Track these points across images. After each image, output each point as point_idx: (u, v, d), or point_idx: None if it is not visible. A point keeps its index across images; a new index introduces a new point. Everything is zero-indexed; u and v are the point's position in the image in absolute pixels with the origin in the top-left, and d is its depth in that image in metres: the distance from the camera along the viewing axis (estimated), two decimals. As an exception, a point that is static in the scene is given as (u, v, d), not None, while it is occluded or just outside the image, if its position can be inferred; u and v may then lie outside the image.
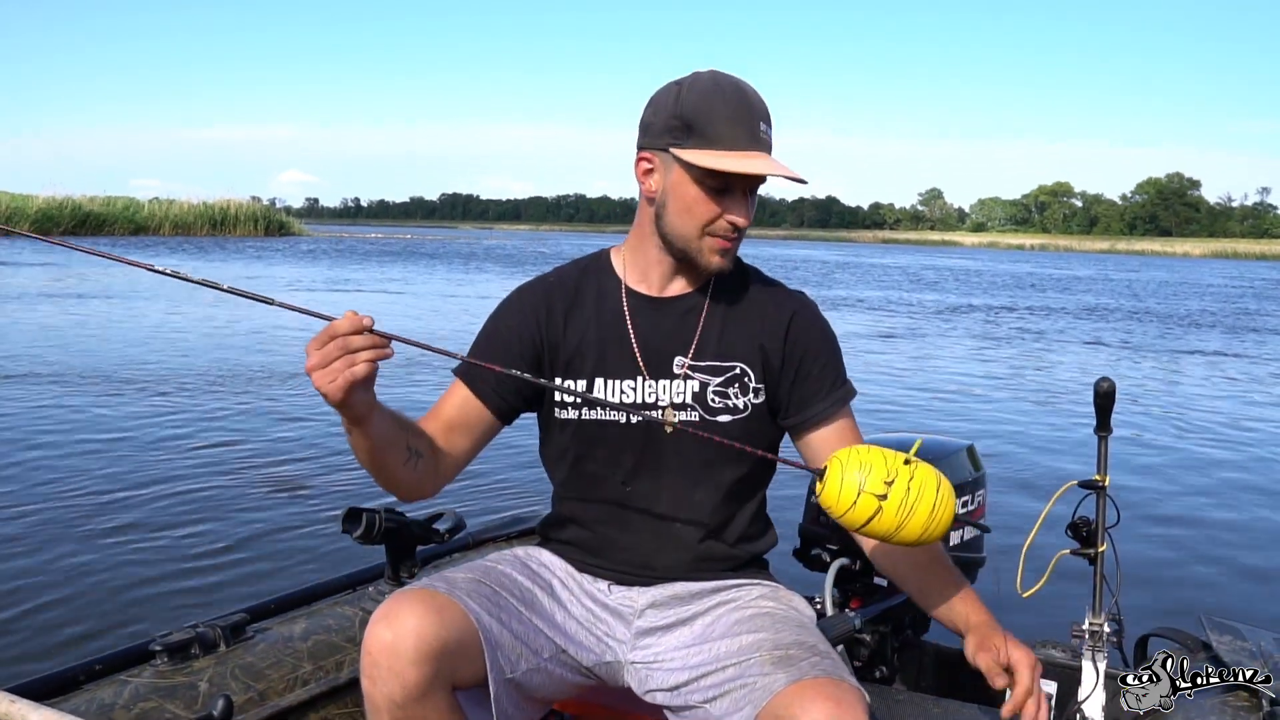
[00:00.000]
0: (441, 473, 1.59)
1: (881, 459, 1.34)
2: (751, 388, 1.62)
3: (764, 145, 1.52)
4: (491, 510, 4.32)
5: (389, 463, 1.47)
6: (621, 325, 1.64)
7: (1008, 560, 1.97)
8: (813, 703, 1.27)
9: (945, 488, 1.36)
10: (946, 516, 1.36)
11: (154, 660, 1.71)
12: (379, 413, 1.39)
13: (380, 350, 1.28)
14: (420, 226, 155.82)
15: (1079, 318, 17.99)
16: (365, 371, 1.27)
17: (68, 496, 4.63)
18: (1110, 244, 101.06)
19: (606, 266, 1.70)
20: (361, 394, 1.31)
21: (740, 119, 1.51)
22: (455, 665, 1.37)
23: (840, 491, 1.33)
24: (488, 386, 1.63)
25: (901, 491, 1.32)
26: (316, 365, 1.27)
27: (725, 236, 1.56)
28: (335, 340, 1.26)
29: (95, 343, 9.96)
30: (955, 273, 35.93)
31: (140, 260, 1.40)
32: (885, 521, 1.33)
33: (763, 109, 1.54)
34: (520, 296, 1.70)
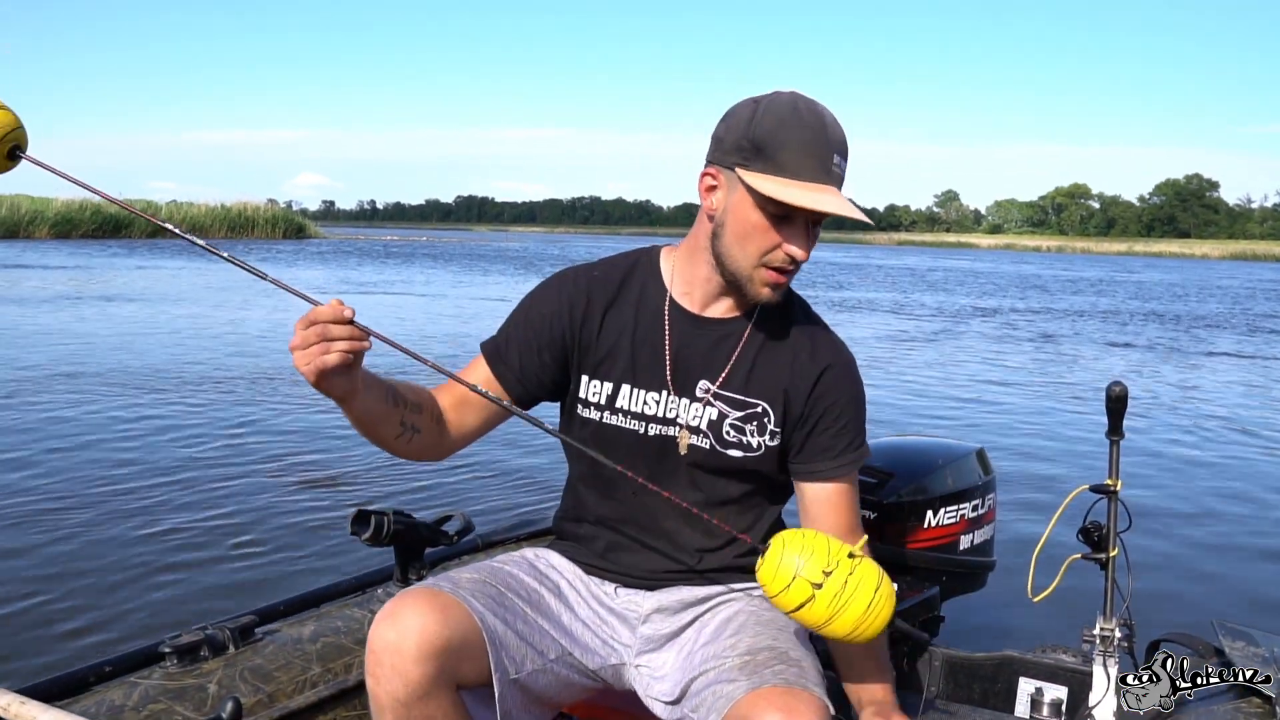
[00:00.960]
0: (445, 444, 1.60)
1: (825, 547, 1.32)
2: (770, 429, 1.60)
3: (835, 180, 1.45)
4: (503, 513, 4.32)
5: (380, 435, 1.49)
6: (659, 336, 1.61)
7: (1018, 564, 1.96)
8: (765, 712, 1.28)
9: (886, 589, 1.32)
10: (880, 618, 1.32)
11: (163, 662, 1.72)
12: (366, 393, 1.41)
13: (356, 343, 1.30)
14: (436, 229, 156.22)
15: (1090, 320, 17.89)
16: (337, 361, 1.29)
17: (73, 497, 4.65)
18: (1128, 246, 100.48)
19: (654, 270, 1.65)
20: (339, 379, 1.33)
21: (813, 150, 1.44)
22: (459, 664, 1.37)
23: (777, 571, 1.31)
24: (511, 372, 1.62)
25: (838, 585, 1.29)
26: (297, 345, 1.30)
27: (780, 269, 1.50)
28: (315, 326, 1.29)
29: (118, 343, 10.02)
30: (963, 274, 35.78)
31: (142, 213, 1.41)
32: (816, 611, 1.30)
33: (840, 141, 1.47)
34: (560, 283, 1.66)
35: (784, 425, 1.60)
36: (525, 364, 1.62)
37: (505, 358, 1.62)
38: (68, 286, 16.61)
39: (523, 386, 1.62)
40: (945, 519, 2.30)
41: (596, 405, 1.63)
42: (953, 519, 2.30)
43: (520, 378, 1.62)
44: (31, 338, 10.32)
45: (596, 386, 1.63)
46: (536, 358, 1.62)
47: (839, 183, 1.46)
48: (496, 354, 1.63)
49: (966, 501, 2.33)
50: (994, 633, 3.26)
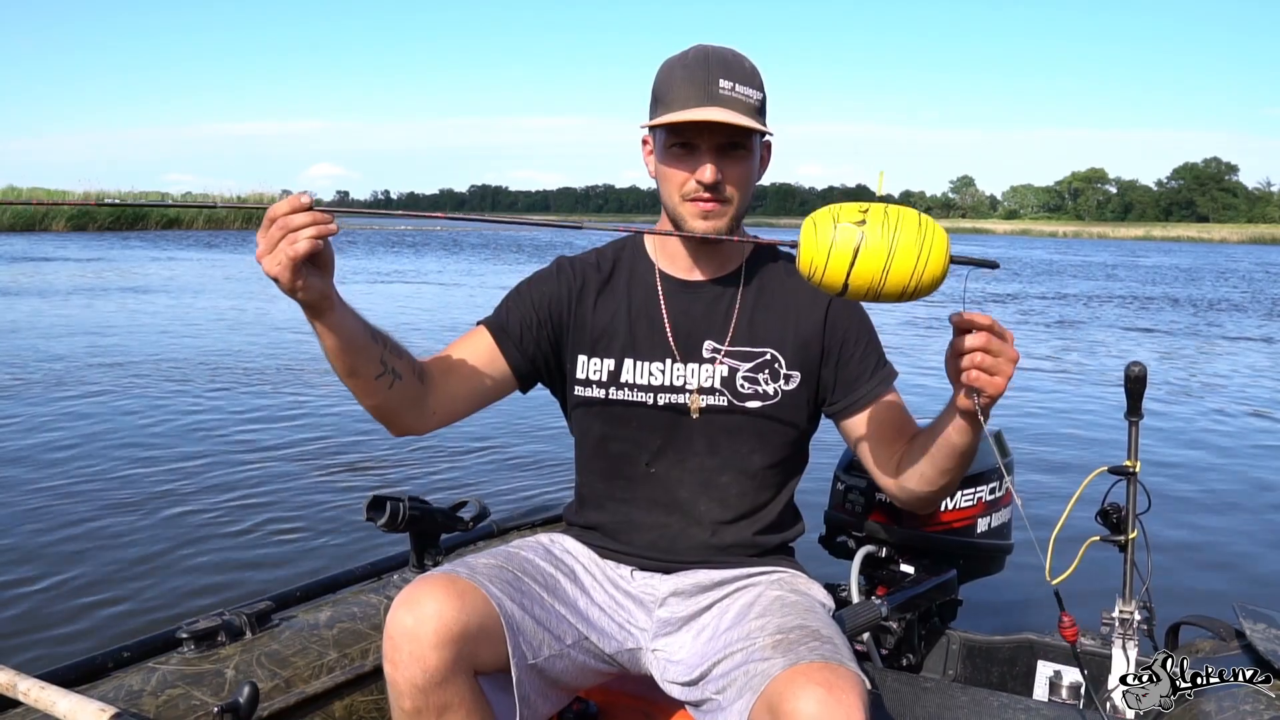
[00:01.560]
0: (429, 408, 1.57)
1: (854, 204, 1.23)
2: (783, 374, 1.62)
3: (722, 101, 1.50)
4: (518, 499, 4.33)
5: (359, 370, 1.45)
6: (655, 307, 1.65)
7: (1037, 549, 1.95)
8: (804, 688, 1.26)
9: (929, 220, 1.21)
10: (938, 248, 1.19)
11: (181, 647, 1.73)
12: (343, 310, 1.39)
13: (323, 226, 1.27)
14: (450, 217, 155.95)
15: (1108, 304, 17.78)
16: (307, 248, 1.26)
17: (84, 485, 4.69)
18: (1145, 230, 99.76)
19: (640, 250, 1.72)
20: (312, 278, 1.30)
21: (694, 79, 1.51)
22: (477, 650, 1.37)
23: (815, 239, 1.20)
24: (512, 341, 1.64)
25: (879, 217, 1.18)
26: (263, 252, 1.27)
27: (699, 198, 1.55)
28: (275, 222, 1.26)
29: (144, 333, 10.08)
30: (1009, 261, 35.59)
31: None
32: (872, 254, 1.17)
33: (729, 68, 1.52)
34: (559, 268, 1.71)
35: (803, 367, 1.63)
36: (525, 336, 1.64)
37: (507, 328, 1.65)
38: (92, 279, 16.70)
39: (523, 356, 1.64)
40: (963, 502, 2.29)
41: (599, 383, 1.65)
42: (970, 502, 2.29)
43: (520, 348, 1.64)
44: (58, 328, 10.38)
45: (597, 364, 1.65)
46: (534, 332, 1.65)
47: (734, 105, 1.50)
48: (497, 324, 1.65)
49: (984, 484, 2.32)
50: (1012, 616, 3.24)
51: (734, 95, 1.51)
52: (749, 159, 1.57)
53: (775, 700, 1.27)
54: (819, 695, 1.24)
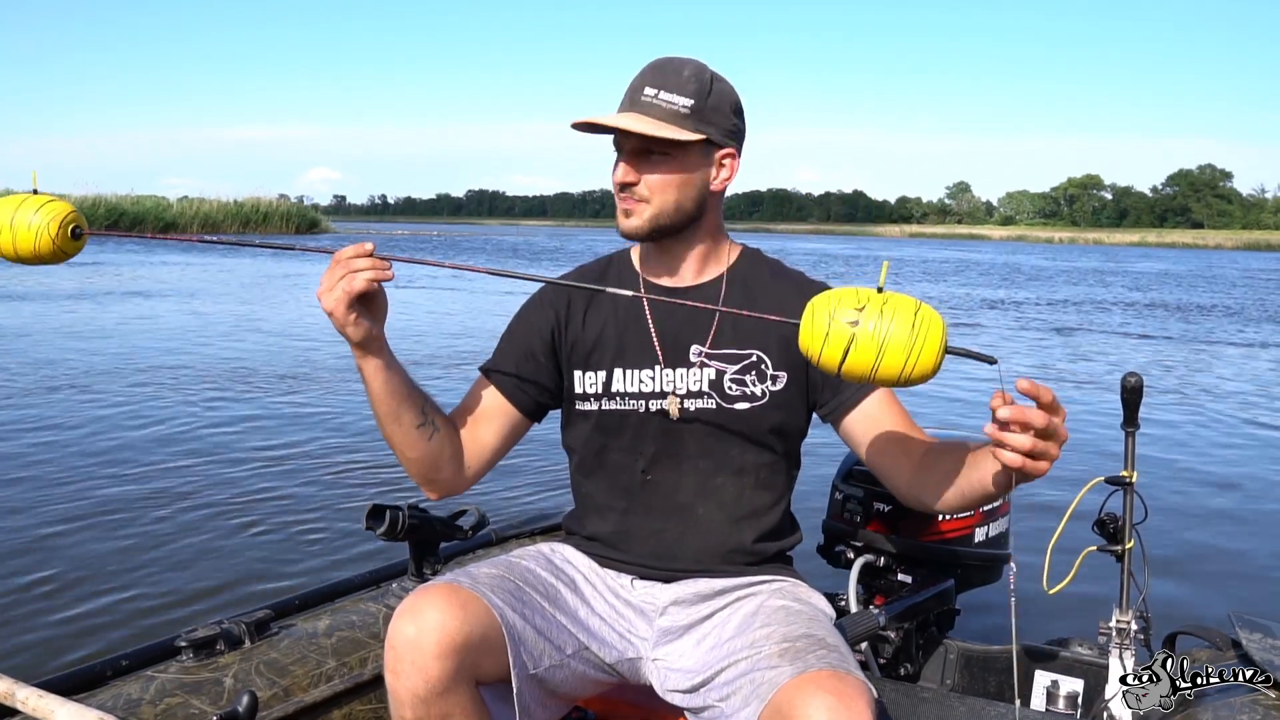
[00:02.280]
0: (465, 463, 1.64)
1: (853, 292, 1.27)
2: (770, 374, 1.63)
3: (640, 107, 1.55)
4: (516, 507, 4.33)
5: (402, 418, 1.55)
6: (640, 315, 1.67)
7: (1033, 557, 1.95)
8: (814, 696, 1.26)
9: (926, 311, 1.25)
10: (933, 338, 1.23)
11: (180, 656, 1.73)
12: (390, 356, 1.50)
13: (381, 271, 1.41)
14: (447, 223, 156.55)
15: (1105, 311, 17.81)
16: (363, 286, 1.39)
17: (81, 493, 4.68)
18: (1140, 237, 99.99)
19: (626, 261, 1.75)
20: (363, 319, 1.43)
21: (629, 86, 1.58)
22: (478, 660, 1.38)
23: (813, 327, 1.26)
24: (510, 380, 1.68)
25: (875, 315, 1.23)
26: (325, 289, 1.41)
27: (620, 196, 1.60)
28: (340, 264, 1.41)
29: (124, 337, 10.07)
30: (972, 266, 35.64)
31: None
32: (863, 349, 1.23)
33: (661, 76, 1.56)
34: (542, 294, 1.74)
35: (790, 368, 1.63)
36: (522, 371, 1.68)
37: (504, 369, 1.69)
38: (88, 282, 16.67)
39: (524, 393, 1.68)
40: (960, 512, 2.29)
41: (594, 395, 1.67)
42: (968, 511, 2.29)
43: (520, 384, 1.68)
44: (56, 332, 10.36)
45: (591, 378, 1.67)
46: (532, 362, 1.69)
47: (650, 110, 1.55)
48: (495, 369, 1.70)
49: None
50: (1009, 625, 3.25)
51: (653, 102, 1.55)
52: (671, 164, 1.57)
53: (784, 708, 1.27)
54: (829, 703, 1.24)
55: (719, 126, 1.58)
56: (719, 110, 1.57)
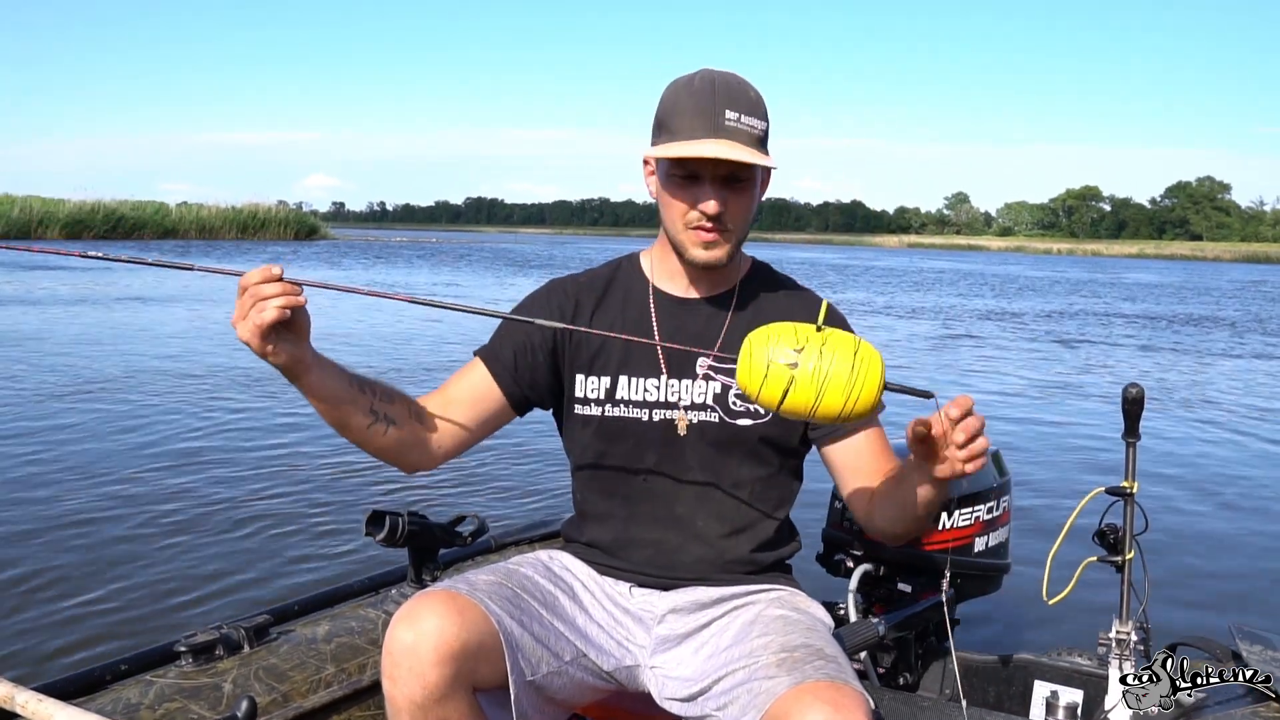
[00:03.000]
0: (432, 445, 1.61)
1: (791, 330, 1.27)
2: None
3: (729, 133, 1.50)
4: (515, 515, 4.33)
5: (350, 424, 1.51)
6: (647, 324, 1.66)
7: (1033, 567, 1.96)
8: (811, 706, 1.25)
9: (865, 350, 1.25)
10: (871, 379, 1.24)
11: (179, 661, 1.72)
12: (320, 369, 1.44)
13: (291, 298, 1.32)
14: (446, 230, 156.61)
15: (1105, 322, 17.82)
16: (273, 317, 1.31)
17: (80, 498, 4.68)
18: (1139, 248, 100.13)
19: (636, 268, 1.73)
20: (284, 344, 1.37)
21: (702, 110, 1.51)
22: (476, 667, 1.37)
23: (750, 367, 1.26)
24: (506, 371, 1.66)
25: (813, 356, 1.23)
26: (237, 318, 1.33)
27: (702, 227, 1.56)
28: (247, 291, 1.32)
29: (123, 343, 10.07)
30: (973, 277, 35.68)
31: (73, 251, 1.49)
32: (801, 391, 1.23)
33: (735, 98, 1.52)
34: (550, 291, 1.72)
35: None
36: (520, 363, 1.66)
37: (500, 356, 1.66)
38: (91, 289, 16.68)
39: (517, 385, 1.66)
40: (960, 520, 2.29)
41: (596, 400, 1.66)
42: (968, 521, 2.29)
43: (515, 376, 1.66)
44: (55, 337, 10.36)
45: (594, 382, 1.66)
46: (530, 357, 1.66)
47: (739, 136, 1.51)
48: (491, 355, 1.67)
49: (981, 504, 2.33)
50: (1009, 636, 3.25)
51: (739, 126, 1.51)
52: (751, 189, 1.58)
53: (781, 718, 1.27)
54: (826, 714, 1.24)
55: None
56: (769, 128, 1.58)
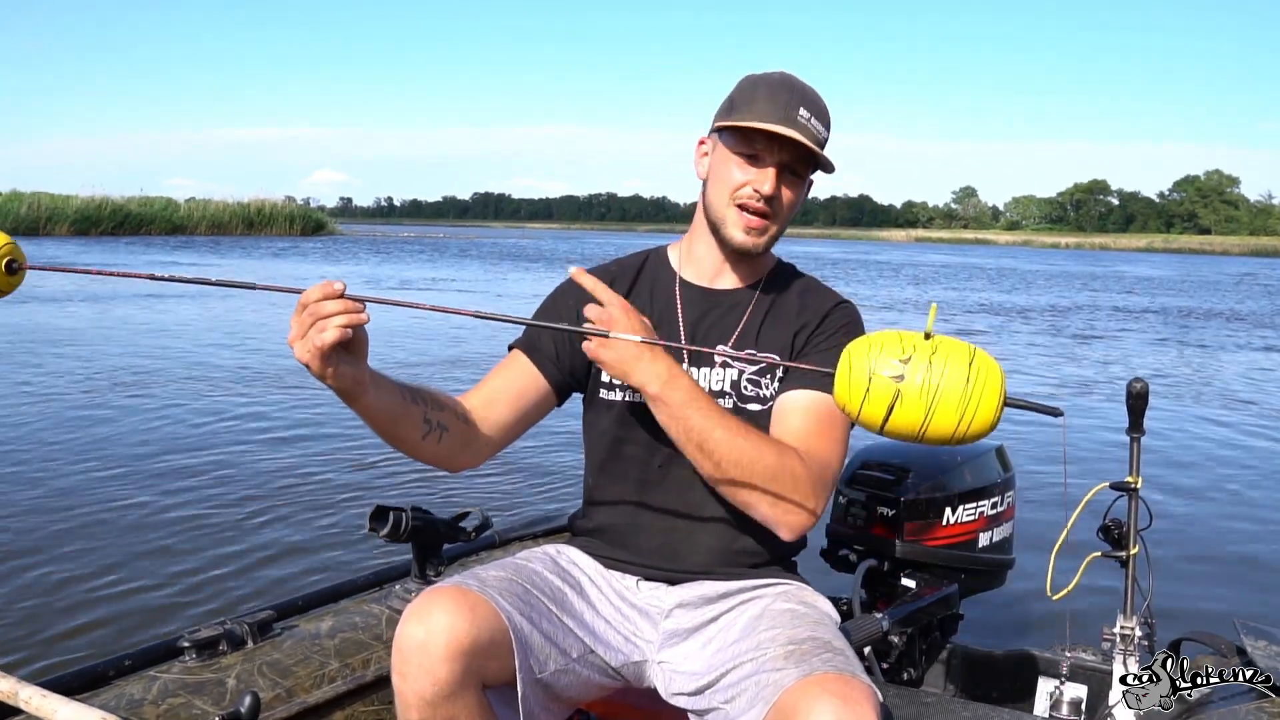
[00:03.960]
0: (479, 444, 1.61)
1: (896, 339, 1.14)
2: (780, 377, 1.64)
3: (799, 127, 1.56)
4: (518, 509, 4.34)
5: (404, 435, 1.48)
6: (672, 313, 1.69)
7: (1037, 563, 1.95)
8: (819, 698, 1.25)
9: (981, 359, 1.12)
10: (989, 396, 1.10)
11: (183, 656, 1.73)
12: (376, 386, 1.40)
13: (354, 315, 1.26)
14: (453, 225, 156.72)
15: (1110, 316, 17.77)
16: (335, 337, 1.25)
17: (84, 493, 4.69)
18: (1147, 241, 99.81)
19: (664, 259, 1.77)
20: (343, 365, 1.31)
21: (777, 100, 1.57)
22: (485, 663, 1.37)
23: (850, 382, 1.14)
24: (548, 358, 1.67)
25: (922, 365, 1.10)
26: (294, 337, 1.27)
27: (752, 209, 1.60)
28: (306, 309, 1.26)
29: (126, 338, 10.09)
30: (980, 271, 35.59)
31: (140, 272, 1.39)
32: (909, 408, 1.10)
33: (808, 100, 1.59)
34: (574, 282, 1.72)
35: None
36: (560, 350, 1.68)
37: (540, 347, 1.68)
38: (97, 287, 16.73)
39: (559, 370, 1.68)
40: (964, 516, 2.29)
41: (620, 386, 1.67)
42: (972, 516, 2.29)
43: (557, 362, 1.68)
44: (64, 334, 10.39)
45: None
46: (569, 343, 1.67)
47: (807, 133, 1.57)
48: (531, 346, 1.69)
49: (985, 499, 2.32)
50: (1013, 631, 3.25)
51: (809, 125, 1.58)
52: (801, 187, 1.64)
53: (789, 711, 1.27)
54: (835, 706, 1.24)
55: None
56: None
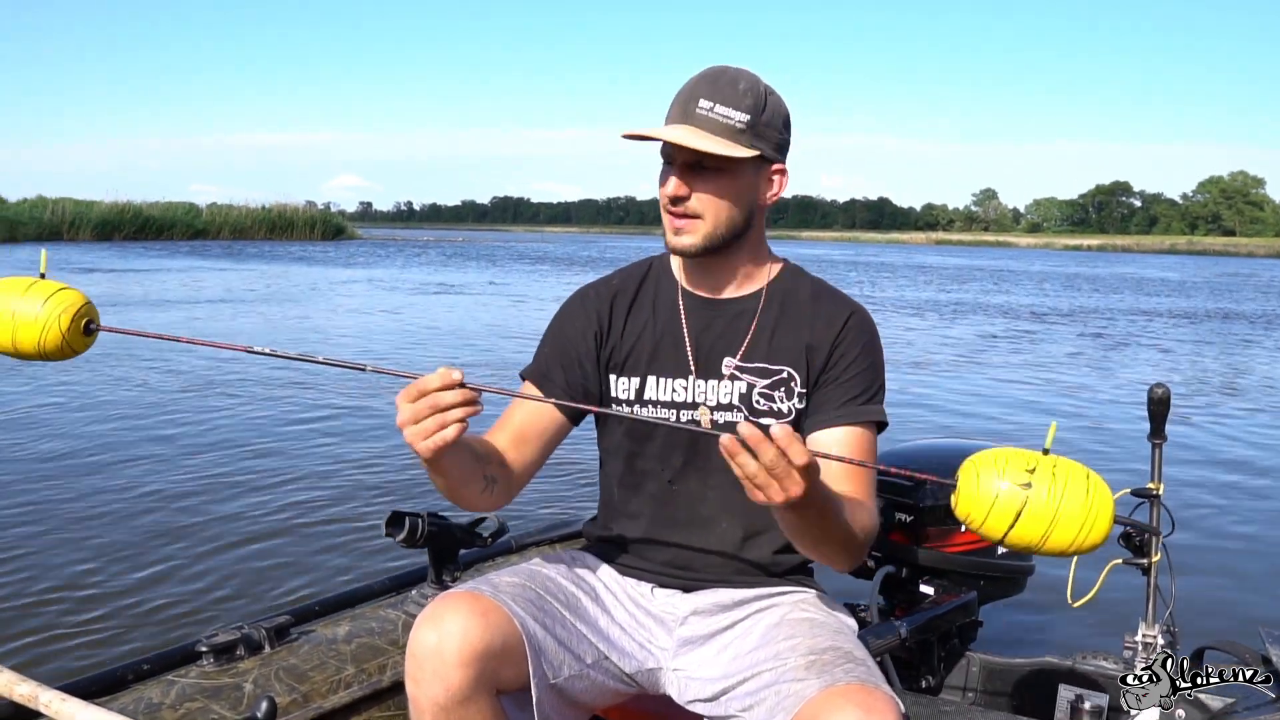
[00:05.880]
0: (515, 487, 1.61)
1: (1016, 452, 1.18)
2: (797, 392, 1.62)
3: (695, 120, 1.51)
4: (533, 515, 4.33)
5: (466, 495, 1.50)
6: (676, 325, 1.66)
7: (1057, 570, 1.94)
8: (842, 710, 1.25)
9: (1095, 480, 1.16)
10: (1104, 515, 1.15)
11: (200, 660, 1.74)
12: (462, 452, 1.41)
13: (472, 407, 1.27)
14: (472, 229, 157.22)
15: (1133, 320, 17.64)
16: (457, 434, 1.26)
17: (99, 497, 4.72)
18: (1171, 243, 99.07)
19: (666, 269, 1.73)
20: (451, 450, 1.31)
21: (680, 97, 1.54)
22: (499, 669, 1.37)
23: (977, 494, 1.17)
24: (558, 389, 1.66)
25: (1048, 478, 1.14)
26: (407, 421, 1.26)
27: (671, 211, 1.56)
28: (426, 397, 1.25)
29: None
30: (1001, 274, 35.41)
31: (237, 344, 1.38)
32: (1035, 518, 1.14)
33: (716, 88, 1.52)
34: (583, 299, 1.72)
35: (810, 386, 1.62)
36: (570, 378, 1.66)
37: (550, 376, 1.67)
38: (129, 290, 16.86)
39: (571, 399, 1.65)
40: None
41: (627, 401, 1.66)
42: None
43: (567, 391, 1.65)
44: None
45: (625, 383, 1.66)
46: (578, 369, 1.66)
47: (705, 124, 1.51)
48: (540, 375, 1.68)
49: None
50: (1033, 638, 3.22)
51: (709, 115, 1.51)
52: (724, 179, 1.54)
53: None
54: (857, 717, 1.23)
55: (771, 141, 1.55)
56: (772, 125, 1.55)
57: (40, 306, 1.29)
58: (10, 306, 1.29)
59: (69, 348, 1.31)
